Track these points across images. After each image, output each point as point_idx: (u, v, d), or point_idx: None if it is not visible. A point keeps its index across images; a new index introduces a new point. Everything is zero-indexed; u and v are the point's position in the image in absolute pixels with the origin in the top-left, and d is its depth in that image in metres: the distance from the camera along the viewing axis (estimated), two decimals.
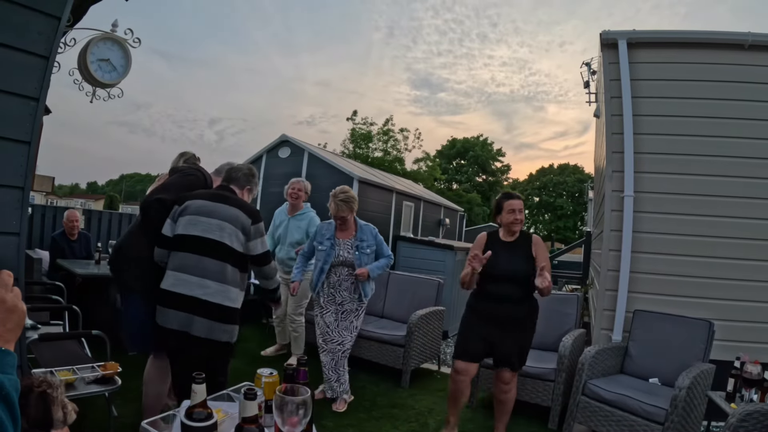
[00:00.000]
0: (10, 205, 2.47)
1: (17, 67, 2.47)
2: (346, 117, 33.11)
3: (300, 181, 5.46)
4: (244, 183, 3.33)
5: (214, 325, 2.90)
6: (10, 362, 1.07)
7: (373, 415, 4.17)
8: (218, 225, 2.99)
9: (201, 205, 3.05)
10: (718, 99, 4.69)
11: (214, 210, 3.03)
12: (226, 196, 3.15)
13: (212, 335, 2.91)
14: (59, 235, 6.28)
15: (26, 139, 2.51)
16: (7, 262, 2.48)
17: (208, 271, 2.92)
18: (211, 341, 2.91)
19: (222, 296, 2.92)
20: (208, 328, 2.89)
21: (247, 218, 3.05)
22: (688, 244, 4.62)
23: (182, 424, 1.55)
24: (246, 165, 3.44)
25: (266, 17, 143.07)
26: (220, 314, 2.92)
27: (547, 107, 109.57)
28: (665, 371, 4.01)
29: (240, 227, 3.02)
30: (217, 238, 2.97)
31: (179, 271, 2.95)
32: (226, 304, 2.94)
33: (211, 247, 2.95)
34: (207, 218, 3.00)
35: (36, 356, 3.23)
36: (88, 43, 3.86)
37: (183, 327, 2.90)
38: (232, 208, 3.06)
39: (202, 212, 3.02)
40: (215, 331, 2.91)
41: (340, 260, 4.26)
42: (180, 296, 2.90)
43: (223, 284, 2.94)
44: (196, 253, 2.95)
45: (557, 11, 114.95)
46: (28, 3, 2.48)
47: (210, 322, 2.89)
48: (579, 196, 50.65)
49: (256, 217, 3.11)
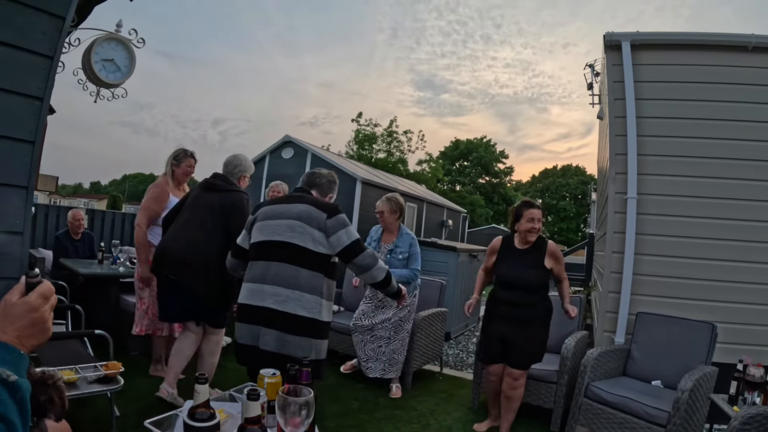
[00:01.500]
0: (14, 204, 2.48)
1: (22, 67, 2.48)
2: (351, 118, 33.22)
3: (280, 183, 5.47)
4: (327, 191, 3.12)
5: (285, 337, 2.65)
6: (25, 366, 1.09)
7: (375, 416, 4.16)
8: (288, 225, 2.76)
9: (271, 209, 2.89)
10: (722, 101, 4.68)
11: (283, 211, 2.83)
12: (300, 196, 2.98)
13: (283, 349, 2.64)
14: (63, 235, 6.29)
15: (30, 138, 2.52)
16: (10, 261, 2.49)
17: (279, 277, 2.70)
18: (283, 356, 2.58)
19: (295, 304, 2.65)
20: (278, 341, 2.66)
21: (320, 212, 2.77)
22: (692, 246, 4.61)
23: (185, 424, 1.55)
24: (328, 171, 3.21)
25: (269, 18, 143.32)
26: (292, 325, 2.65)
27: (550, 109, 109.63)
28: (668, 374, 4.00)
29: (315, 224, 2.74)
30: (286, 240, 2.74)
31: (250, 281, 2.79)
32: (301, 313, 2.65)
33: (280, 249, 2.74)
34: (276, 220, 2.81)
35: (38, 355, 3.23)
36: (93, 43, 3.87)
37: (253, 341, 2.73)
38: (302, 205, 2.82)
39: (270, 215, 2.86)
40: (287, 344, 2.65)
41: None
42: (249, 307, 2.74)
43: (296, 291, 2.67)
44: (265, 259, 2.77)
45: (561, 13, 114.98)
46: (32, 3, 2.49)
47: (280, 334, 2.65)
48: (582, 198, 50.66)
49: (332, 210, 2.81)
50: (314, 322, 2.68)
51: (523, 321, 3.77)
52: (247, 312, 2.75)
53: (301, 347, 2.65)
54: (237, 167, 3.83)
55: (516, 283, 3.79)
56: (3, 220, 2.45)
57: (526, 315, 3.77)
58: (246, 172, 3.87)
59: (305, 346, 2.66)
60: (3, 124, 2.42)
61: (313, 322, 2.68)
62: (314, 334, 2.70)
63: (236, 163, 3.84)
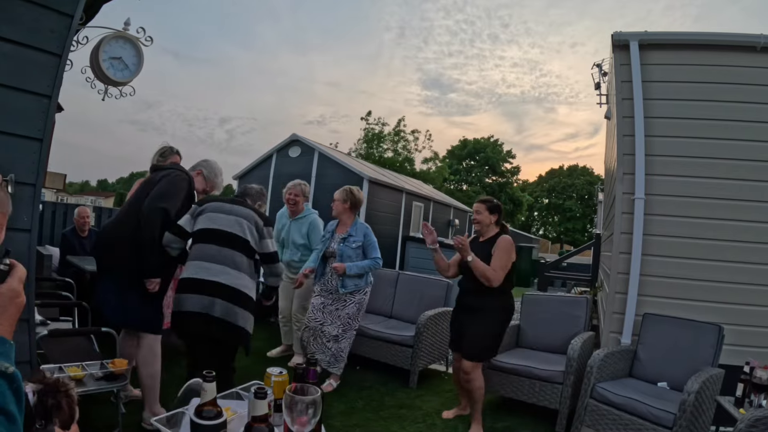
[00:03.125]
0: (22, 201, 2.50)
1: (30, 65, 2.50)
2: (359, 117, 33.22)
3: (298, 185, 5.35)
4: (257, 198, 3.68)
5: (232, 308, 3.18)
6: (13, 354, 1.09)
7: (381, 416, 4.16)
8: (236, 220, 3.34)
9: (220, 205, 3.43)
10: (730, 101, 4.66)
11: (232, 209, 3.41)
12: (242, 201, 3.57)
13: (230, 317, 3.17)
14: (70, 232, 6.32)
15: (38, 136, 2.53)
16: (18, 258, 2.49)
17: (228, 260, 3.24)
18: (229, 323, 3.17)
19: (239, 283, 3.23)
20: (227, 310, 3.17)
21: (260, 219, 3.42)
22: (699, 247, 4.59)
23: (191, 422, 1.56)
24: (259, 186, 3.83)
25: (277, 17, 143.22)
26: (238, 299, 3.21)
27: (557, 109, 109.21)
28: (674, 375, 3.99)
29: (254, 224, 3.38)
30: (235, 232, 3.31)
31: (201, 260, 3.26)
32: (243, 290, 3.24)
33: (230, 238, 3.29)
34: (226, 215, 3.36)
35: (45, 352, 3.24)
36: (101, 42, 3.87)
37: (204, 309, 3.16)
38: (247, 209, 3.45)
39: (221, 210, 3.39)
40: (232, 314, 3.18)
41: (330, 251, 4.77)
42: (202, 281, 3.20)
43: (240, 272, 3.26)
44: (217, 244, 3.27)
45: (569, 12, 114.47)
46: (41, 1, 2.50)
47: (229, 304, 3.18)
48: (588, 198, 50.52)
49: (267, 220, 3.49)
50: (251, 299, 3.32)
51: (471, 308, 3.96)
52: (196, 284, 3.21)
53: (244, 318, 3.25)
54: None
55: (467, 268, 3.88)
56: (11, 217, 2.46)
57: (475, 303, 3.93)
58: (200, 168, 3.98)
59: (247, 317, 3.28)
60: (11, 121, 2.44)
61: (251, 300, 3.32)
62: (251, 308, 3.32)
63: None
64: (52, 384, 1.67)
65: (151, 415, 3.32)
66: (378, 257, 4.77)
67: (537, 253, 23.75)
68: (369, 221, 8.14)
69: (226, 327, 3.19)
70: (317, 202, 5.66)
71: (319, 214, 5.41)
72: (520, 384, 4.27)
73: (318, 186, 8.37)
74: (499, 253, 3.86)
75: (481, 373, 3.95)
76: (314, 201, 7.90)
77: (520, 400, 4.27)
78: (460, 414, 4.22)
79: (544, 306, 5.08)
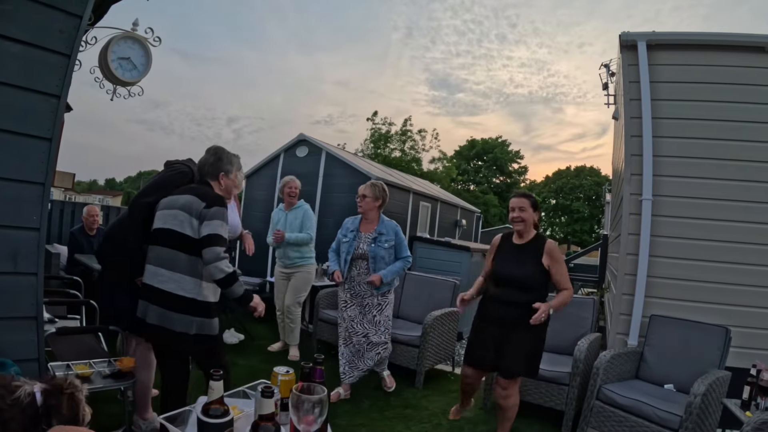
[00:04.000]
0: (31, 200, 2.52)
1: (39, 65, 2.51)
2: (366, 117, 33.15)
3: (294, 179, 5.74)
4: (214, 172, 3.15)
5: (166, 313, 2.86)
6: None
7: (386, 415, 4.17)
8: (173, 214, 2.94)
9: (167, 200, 3.04)
10: (738, 102, 4.64)
11: (172, 201, 3.00)
12: (192, 187, 3.10)
13: (164, 323, 2.86)
14: (78, 231, 6.36)
15: (47, 135, 2.55)
16: (27, 257, 2.52)
17: (162, 260, 2.92)
18: (164, 329, 2.86)
19: (175, 285, 2.86)
20: (160, 316, 2.87)
21: (200, 202, 2.92)
22: (707, 249, 4.57)
23: (198, 420, 1.57)
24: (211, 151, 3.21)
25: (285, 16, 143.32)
26: (172, 303, 2.85)
27: (565, 109, 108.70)
28: (681, 377, 3.97)
29: (194, 213, 2.90)
30: (169, 227, 2.93)
31: (147, 263, 3.00)
32: (179, 293, 2.85)
33: (165, 236, 2.93)
34: (165, 210, 3.00)
35: (53, 349, 3.27)
36: (109, 42, 3.89)
37: (142, 314, 2.96)
38: (187, 196, 2.98)
39: (163, 206, 3.03)
40: (167, 319, 2.86)
41: (359, 253, 4.43)
42: (144, 285, 2.97)
43: (175, 272, 2.88)
44: (155, 244, 2.98)
45: (577, 12, 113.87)
46: (50, 2, 2.52)
47: (162, 310, 2.87)
48: (595, 199, 50.30)
49: (213, 201, 2.94)
50: (194, 301, 2.87)
51: (512, 323, 3.52)
52: (142, 289, 2.99)
53: (183, 323, 2.85)
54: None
55: (507, 278, 3.59)
56: (20, 217, 2.48)
57: (517, 316, 3.47)
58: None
59: (186, 322, 2.86)
60: (21, 121, 2.46)
61: (193, 302, 2.87)
62: (195, 312, 2.88)
63: None
64: (56, 384, 1.68)
65: (141, 420, 3.32)
66: (409, 256, 4.56)
67: None
68: None
69: (161, 333, 2.89)
70: (324, 201, 5.70)
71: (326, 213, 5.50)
72: (526, 385, 4.25)
73: (325, 186, 8.35)
74: (559, 266, 3.54)
75: (518, 389, 3.69)
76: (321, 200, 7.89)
77: (526, 401, 4.26)
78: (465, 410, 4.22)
79: None
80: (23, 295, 2.51)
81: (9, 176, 2.43)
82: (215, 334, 3.00)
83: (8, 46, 2.39)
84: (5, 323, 2.45)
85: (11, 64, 2.41)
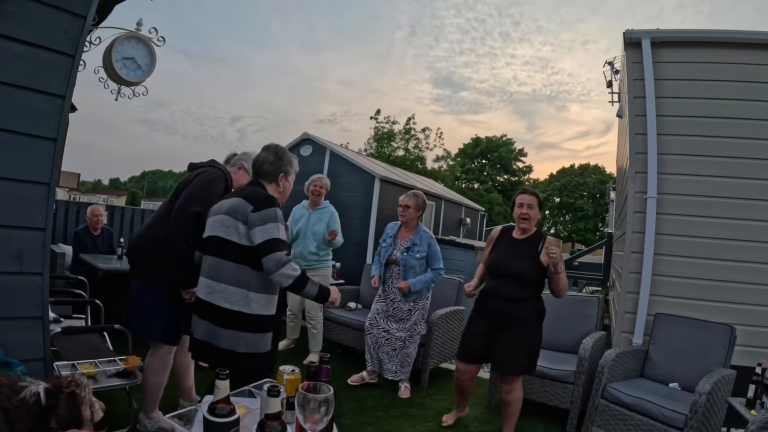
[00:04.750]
0: (36, 200, 2.53)
1: (44, 65, 2.52)
2: (369, 116, 33.12)
3: (322, 177, 5.62)
4: (273, 172, 2.89)
5: (213, 328, 2.65)
6: None
7: (392, 414, 4.17)
8: (221, 220, 2.72)
9: (216, 205, 2.85)
10: (744, 100, 4.61)
11: (219, 207, 2.80)
12: (241, 189, 2.91)
13: (210, 339, 2.66)
14: (82, 230, 6.37)
15: (52, 135, 2.55)
16: (32, 257, 2.53)
17: (211, 271, 2.70)
18: (209, 345, 2.66)
19: (219, 296, 2.64)
20: (207, 331, 2.68)
21: (248, 205, 2.65)
22: (712, 247, 4.55)
23: (204, 419, 1.57)
24: (272, 149, 2.94)
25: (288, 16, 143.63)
26: (218, 317, 2.64)
27: (569, 107, 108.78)
28: (686, 376, 3.96)
29: (240, 217, 2.65)
30: (215, 234, 2.73)
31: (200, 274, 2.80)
32: (224, 305, 2.62)
33: (215, 244, 2.72)
34: (215, 216, 2.78)
35: (58, 349, 3.28)
36: (113, 42, 3.91)
37: (192, 329, 2.80)
38: (234, 198, 2.75)
39: (212, 212, 2.83)
40: (213, 335, 2.66)
41: (393, 258, 4.68)
42: (196, 298, 2.80)
43: (220, 283, 2.65)
44: (206, 254, 2.79)
45: (580, 10, 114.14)
46: (54, 2, 2.52)
47: (209, 324, 2.67)
48: (600, 197, 50.19)
49: (262, 203, 2.67)
50: (240, 314, 2.62)
51: (509, 318, 3.53)
52: (195, 303, 2.81)
53: (228, 339, 2.62)
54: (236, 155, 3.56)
55: (504, 271, 3.59)
56: (25, 217, 2.49)
57: (513, 312, 3.52)
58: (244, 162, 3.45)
59: (231, 338, 2.62)
60: (25, 121, 2.46)
61: (240, 315, 2.62)
62: (242, 326, 2.64)
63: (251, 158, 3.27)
64: (57, 384, 1.68)
65: (146, 419, 3.28)
66: (440, 268, 4.68)
67: None
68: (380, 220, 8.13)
69: (207, 350, 2.68)
70: (329, 199, 5.69)
71: None
72: (530, 383, 4.25)
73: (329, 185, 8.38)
74: None
75: (521, 383, 3.69)
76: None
77: (530, 399, 4.25)
78: (459, 416, 4.13)
79: (556, 305, 5.04)
80: (29, 294, 2.52)
81: (14, 176, 2.43)
82: (267, 350, 2.76)
83: (13, 46, 2.40)
84: (11, 323, 2.46)
85: (16, 64, 2.42)
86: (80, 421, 1.73)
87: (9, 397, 1.62)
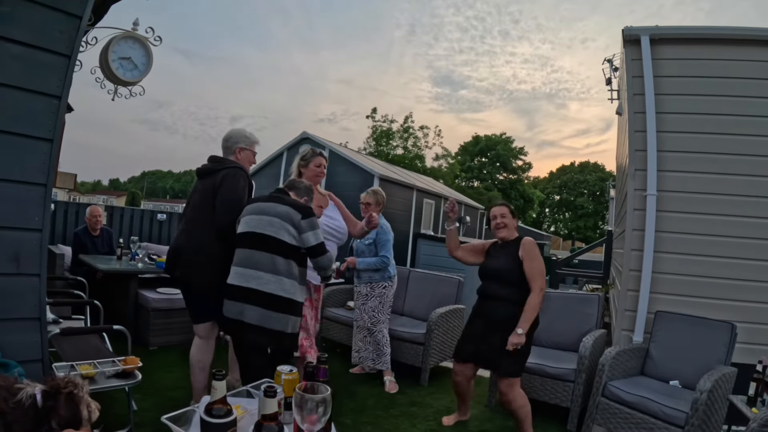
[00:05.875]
0: (33, 201, 2.52)
1: (40, 66, 2.51)
2: (366, 115, 33.12)
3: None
4: (303, 193, 3.49)
5: (266, 313, 3.07)
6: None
7: (392, 413, 4.16)
8: (269, 221, 3.18)
9: (257, 206, 3.30)
10: (743, 96, 4.60)
11: (266, 208, 3.25)
12: (281, 197, 3.37)
13: (263, 323, 3.06)
14: (82, 231, 6.36)
15: (49, 136, 2.55)
16: (29, 258, 2.52)
17: (262, 264, 3.12)
18: (263, 329, 3.07)
19: (275, 286, 3.09)
20: (261, 316, 3.07)
21: (296, 213, 3.21)
22: (712, 244, 4.54)
23: (201, 420, 1.56)
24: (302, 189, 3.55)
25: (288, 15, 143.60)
26: (272, 303, 3.08)
27: (569, 105, 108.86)
28: (686, 374, 3.95)
29: (290, 222, 3.18)
30: (264, 232, 3.16)
31: (237, 265, 3.20)
32: (279, 294, 3.09)
33: (264, 241, 3.15)
34: (261, 215, 3.22)
35: (57, 350, 3.27)
36: (110, 42, 3.89)
37: (237, 316, 3.11)
38: (282, 206, 3.25)
39: (255, 211, 3.26)
40: (267, 319, 3.07)
41: (352, 247, 5.19)
42: (235, 287, 3.14)
43: (276, 275, 3.11)
44: (249, 248, 3.18)
45: (580, 8, 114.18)
46: (49, 2, 2.51)
47: (262, 310, 3.07)
48: (600, 194, 50.25)
49: (307, 212, 3.27)
50: (291, 301, 3.15)
51: (497, 321, 3.57)
52: (231, 290, 3.16)
53: (281, 322, 3.11)
54: (229, 140, 3.66)
55: (488, 273, 3.79)
56: (22, 218, 2.48)
57: (501, 311, 3.58)
58: (240, 143, 3.65)
59: (284, 321, 3.12)
60: (21, 122, 2.46)
61: (291, 302, 3.14)
62: (291, 311, 3.16)
63: (228, 137, 3.67)
64: (54, 385, 1.67)
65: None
66: (383, 255, 4.89)
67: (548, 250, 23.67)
68: None
69: (259, 333, 3.09)
70: None
71: None
72: (531, 382, 4.24)
73: (328, 183, 8.37)
74: (531, 261, 3.58)
75: (521, 389, 3.65)
76: None
77: (531, 397, 4.23)
78: (460, 420, 4.12)
79: (556, 303, 5.04)
80: (26, 296, 2.51)
81: (10, 177, 2.43)
82: (298, 332, 3.31)
83: (8, 47, 2.39)
84: (8, 324, 2.45)
85: (11, 65, 2.41)
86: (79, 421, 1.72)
87: (5, 399, 1.62)
